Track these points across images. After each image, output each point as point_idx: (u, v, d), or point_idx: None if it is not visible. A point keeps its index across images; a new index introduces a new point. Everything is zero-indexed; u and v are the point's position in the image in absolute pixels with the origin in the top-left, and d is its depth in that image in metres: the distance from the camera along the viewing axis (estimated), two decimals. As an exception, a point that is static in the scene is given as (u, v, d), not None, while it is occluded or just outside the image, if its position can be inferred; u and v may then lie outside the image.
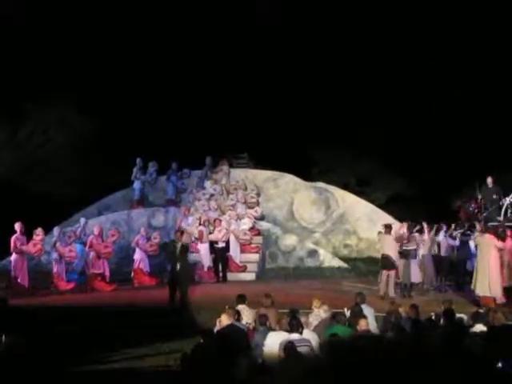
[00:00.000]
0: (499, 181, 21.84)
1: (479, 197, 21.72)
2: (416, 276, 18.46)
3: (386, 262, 18.11)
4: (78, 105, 28.22)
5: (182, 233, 16.98)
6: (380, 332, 11.45)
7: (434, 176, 27.98)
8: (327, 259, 23.41)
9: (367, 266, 22.98)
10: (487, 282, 16.61)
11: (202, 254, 21.29)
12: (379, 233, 18.99)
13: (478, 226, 18.46)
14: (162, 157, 25.86)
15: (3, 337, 10.18)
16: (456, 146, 27.76)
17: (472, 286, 17.17)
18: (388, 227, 18.52)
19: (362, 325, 10.27)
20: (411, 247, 18.49)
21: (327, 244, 25.16)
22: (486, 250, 16.82)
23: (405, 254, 18.40)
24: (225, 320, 10.66)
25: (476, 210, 21.46)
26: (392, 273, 18.07)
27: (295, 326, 9.90)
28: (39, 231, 20.03)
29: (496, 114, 27.32)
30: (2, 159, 28.41)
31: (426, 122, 28.52)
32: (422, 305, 13.39)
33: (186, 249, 16.39)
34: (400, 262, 18.47)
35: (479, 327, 10.10)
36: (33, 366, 9.50)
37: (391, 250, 18.14)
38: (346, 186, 27.63)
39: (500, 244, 16.99)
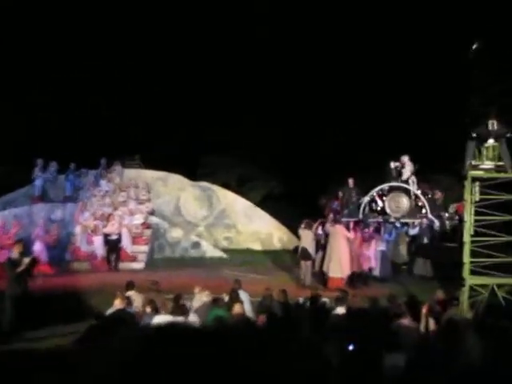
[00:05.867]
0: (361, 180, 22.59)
1: (341, 196, 22.26)
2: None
3: (305, 254, 18.11)
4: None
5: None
6: (255, 314, 11.50)
7: (303, 177, 28.38)
8: (209, 250, 23.40)
9: (244, 256, 23.10)
10: (339, 265, 17.33)
11: (97, 246, 20.86)
12: (300, 228, 18.82)
13: (329, 217, 19.35)
14: (61, 158, 25.04)
15: None
16: (322, 148, 28.33)
17: (324, 269, 17.87)
18: (308, 224, 18.48)
19: (236, 309, 10.20)
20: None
21: (209, 236, 25.12)
22: (338, 238, 17.88)
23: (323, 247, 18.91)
24: (117, 304, 10.44)
25: (339, 207, 21.97)
26: (309, 263, 18.13)
27: (180, 309, 9.77)
28: None
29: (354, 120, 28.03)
30: None
31: (296, 131, 28.94)
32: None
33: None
34: (318, 254, 18.90)
35: (340, 310, 10.26)
36: None
37: (309, 243, 18.22)
38: (226, 186, 27.62)
39: (349, 234, 18.13)
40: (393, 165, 22.06)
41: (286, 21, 28.11)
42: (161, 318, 9.72)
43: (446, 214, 21.01)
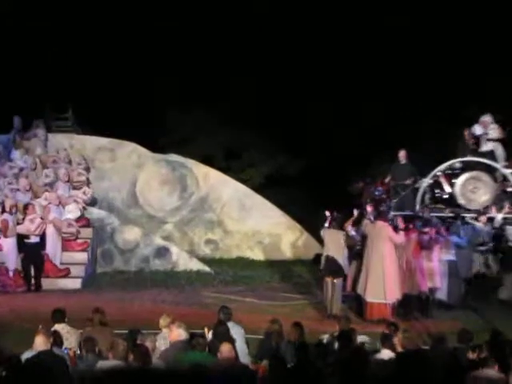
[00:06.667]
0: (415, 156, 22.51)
1: (388, 178, 22.19)
2: None
3: (331, 267, 17.71)
4: None
5: None
6: (253, 360, 11.47)
7: (328, 148, 28.41)
8: (182, 260, 23.39)
9: (237, 270, 23.11)
10: (382, 285, 17.04)
11: (7, 253, 20.79)
12: (323, 227, 18.36)
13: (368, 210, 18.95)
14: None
15: None
16: (356, 109, 28.37)
17: (359, 290, 17.53)
18: (336, 220, 18.09)
19: (223, 351, 10.13)
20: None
21: (183, 239, 25.19)
22: (381, 242, 17.38)
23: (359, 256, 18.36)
24: (40, 344, 10.37)
25: (384, 195, 21.89)
26: (338, 281, 17.71)
27: (138, 352, 9.72)
28: None
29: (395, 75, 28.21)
30: None
31: (312, 78, 29.01)
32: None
33: None
34: (352, 267, 18.55)
35: (386, 353, 10.21)
36: None
37: (338, 249, 17.77)
38: (209, 161, 27.67)
39: (398, 238, 17.51)
40: (479, 130, 21.82)
41: (285, 20, 30.55)
42: (107, 365, 9.69)
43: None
